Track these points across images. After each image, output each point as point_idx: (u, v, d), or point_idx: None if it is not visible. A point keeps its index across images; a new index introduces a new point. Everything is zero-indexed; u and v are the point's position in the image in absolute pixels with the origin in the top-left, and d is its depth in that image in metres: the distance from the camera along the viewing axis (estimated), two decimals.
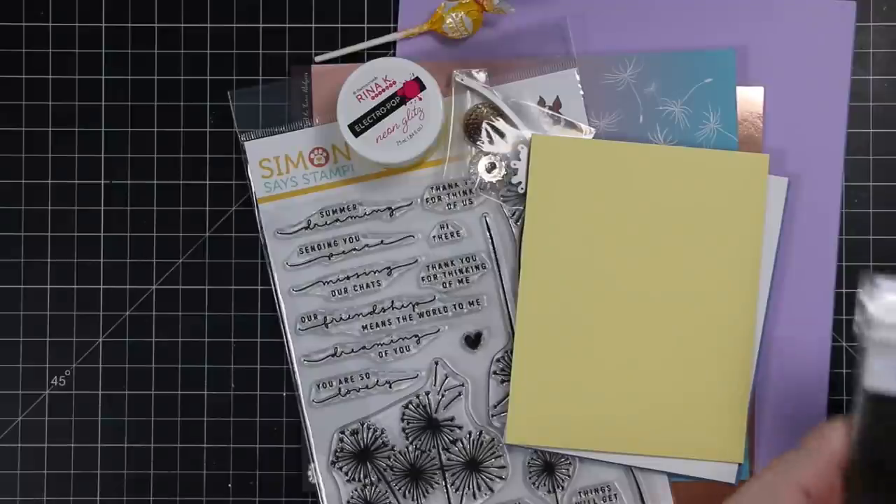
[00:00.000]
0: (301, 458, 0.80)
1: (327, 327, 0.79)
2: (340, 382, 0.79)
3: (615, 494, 0.78)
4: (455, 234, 0.79)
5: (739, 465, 0.78)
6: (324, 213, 0.80)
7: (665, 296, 0.78)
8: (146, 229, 0.81)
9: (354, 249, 0.80)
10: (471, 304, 0.79)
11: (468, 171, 0.79)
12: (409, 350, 0.79)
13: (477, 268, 0.79)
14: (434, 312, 0.79)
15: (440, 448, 0.79)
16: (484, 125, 0.79)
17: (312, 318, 0.79)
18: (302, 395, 0.79)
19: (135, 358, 0.80)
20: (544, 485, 0.79)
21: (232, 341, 0.80)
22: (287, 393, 0.80)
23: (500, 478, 0.79)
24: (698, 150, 0.78)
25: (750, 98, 0.79)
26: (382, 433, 0.79)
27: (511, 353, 0.79)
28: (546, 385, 0.78)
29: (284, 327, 0.79)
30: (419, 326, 0.79)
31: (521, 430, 0.78)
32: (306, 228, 0.80)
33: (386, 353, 0.79)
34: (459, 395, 0.79)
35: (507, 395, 0.78)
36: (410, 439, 0.79)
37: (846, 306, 0.79)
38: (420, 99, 0.75)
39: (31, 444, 0.80)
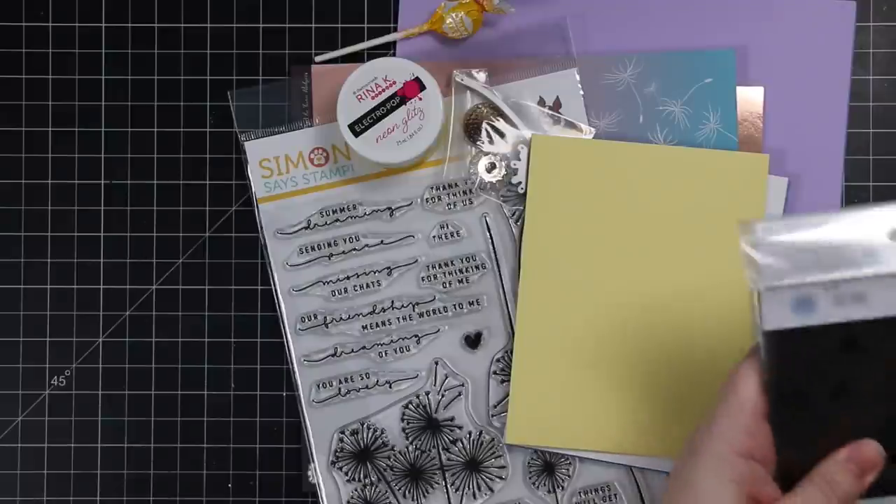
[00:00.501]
0: (301, 458, 0.80)
1: (327, 327, 0.79)
2: (340, 382, 0.79)
3: (615, 494, 0.78)
4: (455, 234, 0.79)
5: None
6: (324, 213, 0.80)
7: (665, 296, 0.78)
8: (146, 229, 0.81)
9: (354, 249, 0.80)
10: (471, 304, 0.79)
11: (468, 171, 0.79)
12: (409, 350, 0.79)
13: (477, 268, 0.79)
14: (434, 312, 0.79)
15: (440, 448, 0.79)
16: (484, 125, 0.79)
17: (312, 318, 0.79)
18: (302, 395, 0.79)
19: (135, 358, 0.80)
20: (544, 485, 0.78)
21: (232, 341, 0.80)
22: (287, 393, 0.80)
23: (500, 478, 0.79)
24: (698, 150, 0.78)
25: (750, 98, 0.79)
26: (382, 433, 0.79)
27: (511, 353, 0.79)
28: (546, 385, 0.78)
29: (284, 327, 0.79)
30: (419, 326, 0.79)
31: (521, 430, 0.78)
32: (306, 228, 0.80)
33: (386, 353, 0.79)
34: (459, 395, 0.79)
35: (507, 395, 0.78)
36: (410, 439, 0.79)
37: None
38: (420, 99, 0.75)
39: (31, 444, 0.80)
